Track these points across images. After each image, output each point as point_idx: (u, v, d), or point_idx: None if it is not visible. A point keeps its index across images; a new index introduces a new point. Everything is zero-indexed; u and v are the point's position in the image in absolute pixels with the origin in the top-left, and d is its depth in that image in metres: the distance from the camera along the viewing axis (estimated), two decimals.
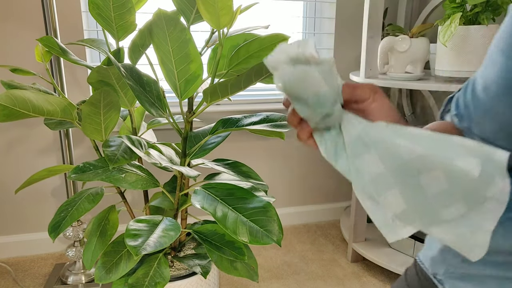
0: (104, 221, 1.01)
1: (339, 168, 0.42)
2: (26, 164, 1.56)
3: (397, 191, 0.39)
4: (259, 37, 0.92)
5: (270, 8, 1.74)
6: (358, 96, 0.41)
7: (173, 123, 0.97)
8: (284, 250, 1.69)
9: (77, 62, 0.99)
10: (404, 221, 0.41)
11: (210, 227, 1.04)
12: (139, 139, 0.98)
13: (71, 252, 1.37)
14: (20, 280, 1.46)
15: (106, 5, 0.93)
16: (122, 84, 0.97)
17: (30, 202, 1.60)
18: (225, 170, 1.02)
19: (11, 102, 0.82)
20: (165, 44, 0.87)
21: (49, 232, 0.92)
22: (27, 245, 1.63)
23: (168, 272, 0.94)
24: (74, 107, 0.94)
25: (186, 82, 0.92)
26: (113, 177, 0.91)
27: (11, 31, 1.44)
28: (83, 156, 1.59)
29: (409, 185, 0.39)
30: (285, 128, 0.99)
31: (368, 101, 0.41)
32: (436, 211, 0.39)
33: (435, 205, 0.39)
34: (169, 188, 1.12)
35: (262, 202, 0.90)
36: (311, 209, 1.95)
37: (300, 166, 1.90)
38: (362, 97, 0.41)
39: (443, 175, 0.37)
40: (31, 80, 1.46)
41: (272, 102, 1.79)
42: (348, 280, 1.49)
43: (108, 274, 0.92)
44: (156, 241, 0.83)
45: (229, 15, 0.81)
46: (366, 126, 0.39)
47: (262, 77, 0.86)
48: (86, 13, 1.52)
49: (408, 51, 1.37)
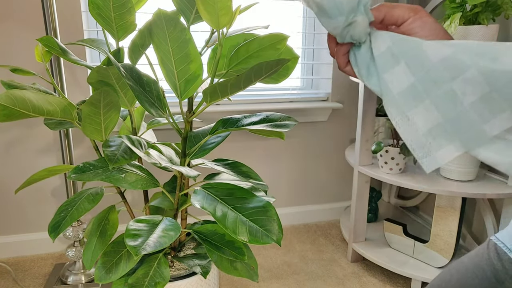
0: (104, 221, 1.01)
1: (371, 86, 0.41)
2: (26, 164, 1.56)
3: (429, 102, 0.35)
4: (258, 37, 0.92)
5: (270, 8, 1.74)
6: (396, 16, 0.39)
7: (173, 123, 0.97)
8: (284, 250, 1.69)
9: (77, 62, 0.99)
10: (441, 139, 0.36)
11: (210, 227, 1.04)
12: (139, 139, 0.98)
13: (71, 252, 1.37)
14: (20, 280, 1.46)
15: (106, 5, 0.93)
16: (122, 84, 0.97)
17: (30, 202, 1.60)
18: (225, 170, 1.02)
19: (11, 102, 0.82)
20: (165, 44, 0.87)
21: (49, 232, 0.92)
22: (27, 245, 1.63)
23: (168, 272, 0.94)
24: (74, 107, 0.94)
25: (186, 82, 0.92)
26: (113, 177, 0.91)
27: (11, 31, 1.44)
28: (83, 156, 1.59)
29: (442, 93, 0.35)
30: (285, 128, 0.99)
31: (408, 21, 0.39)
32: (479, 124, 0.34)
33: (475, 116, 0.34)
34: (169, 188, 1.12)
35: (262, 202, 0.90)
36: (311, 209, 1.95)
37: (300, 166, 1.90)
38: (401, 17, 0.39)
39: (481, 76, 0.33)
40: (31, 80, 1.46)
41: (272, 102, 1.79)
42: (348, 280, 1.49)
43: (108, 274, 0.92)
44: (156, 241, 0.83)
45: (228, 15, 0.81)
46: (396, 38, 0.38)
47: (262, 77, 0.86)
48: (86, 13, 1.52)
49: None
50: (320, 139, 1.89)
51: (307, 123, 1.85)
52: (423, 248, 1.43)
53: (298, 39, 1.86)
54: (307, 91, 1.90)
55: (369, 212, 1.76)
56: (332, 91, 1.86)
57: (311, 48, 1.89)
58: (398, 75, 0.37)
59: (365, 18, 0.39)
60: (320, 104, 1.83)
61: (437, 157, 0.36)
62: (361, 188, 1.54)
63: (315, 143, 1.88)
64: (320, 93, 1.89)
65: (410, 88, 0.37)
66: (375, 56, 0.39)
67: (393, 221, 1.51)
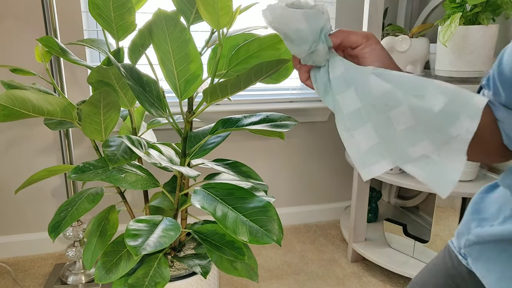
0: (104, 221, 1.01)
1: (326, 103, 0.48)
2: (26, 164, 1.56)
3: (370, 125, 0.44)
4: (258, 37, 0.92)
5: None
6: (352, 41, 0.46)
7: (173, 123, 0.97)
8: (284, 250, 1.69)
9: (77, 62, 0.99)
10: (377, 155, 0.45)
11: (210, 227, 1.04)
12: (139, 139, 0.98)
13: (71, 252, 1.37)
14: (20, 280, 1.46)
15: (106, 5, 0.93)
16: (122, 84, 0.97)
17: (30, 202, 1.60)
18: (225, 170, 1.02)
19: (11, 102, 0.82)
20: (165, 44, 0.87)
21: (49, 232, 0.92)
22: (27, 245, 1.63)
23: (168, 272, 0.94)
24: (74, 107, 0.94)
25: (186, 82, 0.92)
26: (113, 177, 0.91)
27: (11, 31, 1.44)
28: (83, 156, 1.59)
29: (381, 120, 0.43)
30: (285, 128, 0.99)
31: (361, 46, 0.46)
32: (405, 148, 0.43)
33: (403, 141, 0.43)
34: (169, 188, 1.12)
35: (262, 202, 0.90)
36: (311, 209, 1.95)
37: (300, 166, 1.90)
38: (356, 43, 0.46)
39: (409, 111, 0.42)
40: (31, 80, 1.46)
41: (272, 102, 1.79)
42: (348, 280, 1.49)
43: (108, 274, 0.92)
44: (156, 241, 0.83)
45: (228, 15, 0.81)
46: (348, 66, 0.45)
47: (262, 77, 0.86)
48: (86, 13, 1.52)
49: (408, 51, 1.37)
50: (320, 139, 1.89)
51: (307, 123, 1.85)
52: (423, 248, 1.43)
53: None
54: (307, 91, 1.90)
55: (369, 212, 1.76)
56: None
57: None
58: (348, 99, 0.45)
59: (325, 46, 0.45)
60: (320, 104, 1.83)
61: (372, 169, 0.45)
62: (361, 188, 1.54)
63: (315, 143, 1.88)
64: None
65: (357, 112, 0.44)
66: (331, 78, 0.46)
67: (393, 221, 1.51)
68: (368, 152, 0.45)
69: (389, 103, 0.42)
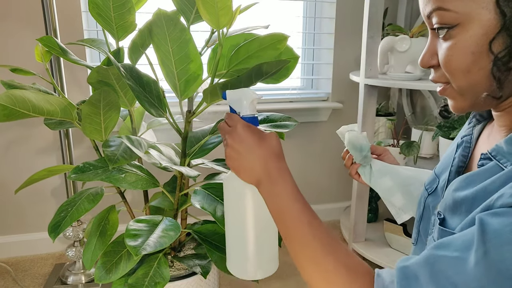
0: (104, 221, 1.01)
1: (372, 186, 0.78)
2: (26, 164, 1.56)
3: (400, 194, 0.75)
4: (258, 37, 0.92)
5: (270, 8, 1.74)
6: (378, 152, 0.81)
7: (173, 123, 0.97)
8: (284, 250, 1.69)
9: (77, 62, 0.99)
10: (404, 211, 0.76)
11: (210, 227, 1.04)
12: (139, 139, 0.98)
13: (71, 252, 1.37)
14: (20, 280, 1.46)
15: (106, 5, 0.93)
16: (122, 84, 0.97)
17: (30, 202, 1.60)
18: (225, 170, 1.01)
19: (11, 102, 0.82)
20: (165, 44, 0.87)
21: (49, 232, 0.92)
22: (27, 245, 1.63)
23: (168, 272, 0.94)
24: (74, 107, 0.94)
25: (186, 82, 0.92)
26: (113, 177, 0.91)
27: (11, 31, 1.44)
28: (83, 156, 1.59)
29: (405, 191, 0.75)
30: (285, 128, 0.99)
31: (383, 154, 0.81)
32: None
33: None
34: (169, 188, 1.12)
35: None
36: None
37: (300, 166, 1.90)
38: (381, 152, 0.81)
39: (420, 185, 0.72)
40: (31, 80, 1.46)
41: (272, 102, 1.79)
42: None
43: (108, 274, 0.92)
44: (156, 241, 0.83)
45: (228, 15, 0.81)
46: (383, 164, 0.77)
47: (262, 77, 0.86)
48: (86, 13, 1.52)
49: (408, 51, 1.37)
50: (320, 139, 1.89)
51: (307, 123, 1.85)
52: None
53: (298, 39, 1.86)
54: (307, 91, 1.90)
55: (369, 212, 1.76)
56: (332, 91, 1.86)
57: (311, 48, 1.89)
58: (385, 181, 0.76)
59: (370, 154, 0.77)
60: (320, 104, 1.83)
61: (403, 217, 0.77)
62: (361, 188, 1.54)
63: (315, 143, 1.88)
64: (320, 93, 1.89)
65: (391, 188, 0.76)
66: (373, 170, 0.77)
67: (393, 221, 1.51)
68: (399, 210, 0.76)
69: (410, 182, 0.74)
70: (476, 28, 0.45)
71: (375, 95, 1.47)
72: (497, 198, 0.41)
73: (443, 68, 0.50)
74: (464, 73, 0.48)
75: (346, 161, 0.81)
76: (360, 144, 0.76)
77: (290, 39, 0.93)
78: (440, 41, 0.49)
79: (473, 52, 0.46)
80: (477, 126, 0.60)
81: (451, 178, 0.57)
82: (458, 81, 0.49)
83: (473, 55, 0.46)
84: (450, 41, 0.47)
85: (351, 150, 0.77)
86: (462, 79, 0.48)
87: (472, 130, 0.60)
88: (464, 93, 0.50)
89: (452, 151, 0.61)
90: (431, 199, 0.62)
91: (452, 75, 0.49)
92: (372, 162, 0.78)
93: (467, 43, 0.46)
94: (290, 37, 0.93)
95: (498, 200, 0.41)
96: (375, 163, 0.78)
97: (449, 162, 0.60)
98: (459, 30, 0.46)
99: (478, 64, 0.46)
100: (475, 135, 0.59)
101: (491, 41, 0.45)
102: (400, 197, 0.75)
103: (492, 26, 0.45)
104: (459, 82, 0.49)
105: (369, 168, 0.78)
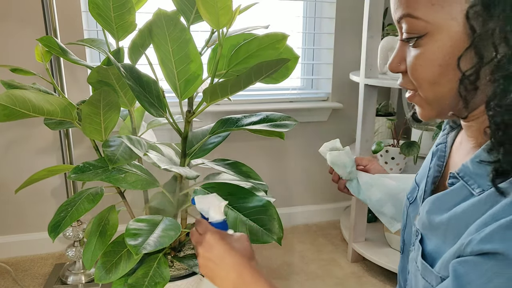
0: (104, 221, 1.01)
1: (361, 199, 0.78)
2: (26, 164, 1.56)
3: (390, 204, 0.76)
4: (258, 37, 0.92)
5: (270, 8, 1.74)
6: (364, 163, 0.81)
7: (173, 123, 0.97)
8: (284, 250, 1.69)
9: (77, 62, 0.99)
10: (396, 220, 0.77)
11: None
12: (139, 139, 0.98)
13: (71, 252, 1.37)
14: (20, 280, 1.46)
15: (106, 5, 0.93)
16: (122, 84, 0.97)
17: (30, 202, 1.60)
18: (225, 170, 1.02)
19: (11, 102, 0.82)
20: (165, 44, 0.87)
21: (49, 232, 0.92)
22: (27, 245, 1.63)
23: (168, 272, 0.94)
24: (74, 107, 0.94)
25: (186, 82, 0.92)
26: (113, 177, 0.91)
27: (11, 31, 1.44)
28: (83, 156, 1.59)
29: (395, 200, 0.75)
30: (285, 128, 0.99)
31: (369, 165, 0.81)
32: None
33: None
34: (169, 188, 1.12)
35: (262, 201, 0.90)
36: (311, 209, 1.95)
37: (300, 166, 1.90)
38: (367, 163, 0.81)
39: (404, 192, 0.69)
40: (31, 80, 1.46)
41: (272, 102, 1.79)
42: (348, 280, 1.49)
43: (108, 274, 0.92)
44: (156, 240, 0.83)
45: (228, 15, 0.81)
46: (369, 176, 0.77)
47: (262, 77, 0.86)
48: (86, 13, 1.52)
49: None
50: (320, 139, 1.89)
51: (307, 123, 1.85)
52: None
53: (298, 39, 1.86)
54: (307, 91, 1.90)
55: (369, 212, 1.76)
56: (332, 91, 1.86)
57: (311, 48, 1.89)
58: (374, 193, 0.76)
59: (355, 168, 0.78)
60: (320, 104, 1.83)
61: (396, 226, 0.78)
62: None
63: (315, 143, 1.88)
64: (320, 93, 1.89)
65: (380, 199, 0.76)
66: (361, 183, 0.77)
67: None
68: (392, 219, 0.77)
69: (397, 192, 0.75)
70: (445, 39, 0.43)
71: (375, 95, 1.47)
72: (466, 244, 0.41)
73: (410, 76, 0.48)
74: (430, 84, 0.46)
75: (333, 177, 0.81)
76: (342, 162, 0.76)
77: (290, 39, 0.93)
78: (410, 48, 0.48)
79: (440, 64, 0.44)
80: (451, 133, 0.59)
81: (428, 189, 0.57)
82: (425, 91, 0.48)
83: (441, 67, 0.44)
84: (418, 50, 0.46)
85: (335, 169, 0.78)
86: (429, 90, 0.47)
87: (446, 138, 0.59)
88: (431, 103, 0.48)
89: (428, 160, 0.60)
90: (411, 209, 0.61)
91: (418, 85, 0.48)
92: (359, 175, 0.77)
93: (435, 55, 0.44)
94: (289, 36, 0.93)
95: (468, 247, 0.41)
96: (361, 176, 0.77)
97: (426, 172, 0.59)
98: (427, 39, 0.44)
99: (446, 77, 0.44)
100: (449, 142, 0.58)
101: (459, 57, 0.43)
102: (390, 206, 0.75)
103: (461, 40, 0.42)
104: (425, 92, 0.48)
105: (356, 181, 0.77)
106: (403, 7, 0.45)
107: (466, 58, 0.43)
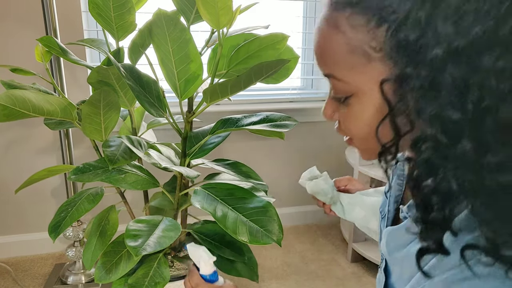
0: (104, 221, 1.01)
1: (348, 220, 0.79)
2: (26, 164, 1.56)
3: (375, 220, 0.76)
4: (258, 37, 0.92)
5: (270, 8, 1.74)
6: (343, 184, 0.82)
7: (173, 123, 0.97)
8: (284, 250, 1.69)
9: (77, 62, 0.99)
10: None
11: (210, 227, 1.04)
12: (139, 139, 0.98)
13: (71, 252, 1.36)
14: (20, 280, 1.46)
15: (106, 5, 0.93)
16: (122, 84, 0.97)
17: (30, 202, 1.60)
18: (225, 170, 1.02)
19: (11, 102, 0.82)
20: (165, 44, 0.87)
21: (49, 232, 0.92)
22: (27, 245, 1.63)
23: (168, 272, 0.94)
24: (74, 107, 0.94)
25: (186, 82, 0.92)
26: (113, 177, 0.91)
27: (11, 31, 1.44)
28: (83, 156, 1.59)
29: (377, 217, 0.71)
30: (285, 128, 0.99)
31: (348, 185, 0.82)
32: None
33: None
34: (169, 188, 1.12)
35: (262, 202, 0.90)
36: (311, 209, 1.95)
37: (300, 166, 1.89)
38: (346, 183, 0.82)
39: None
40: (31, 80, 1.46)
41: (272, 102, 1.79)
42: (348, 280, 1.49)
43: (108, 274, 0.92)
44: (156, 241, 0.83)
45: (228, 15, 0.81)
46: (350, 197, 0.79)
47: (262, 77, 0.86)
48: (86, 13, 1.52)
49: None
50: (320, 139, 1.89)
51: (307, 123, 1.85)
52: None
53: (298, 39, 1.85)
54: (307, 91, 1.90)
55: None
56: None
57: (311, 48, 1.89)
58: (357, 212, 0.77)
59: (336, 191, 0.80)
60: (320, 104, 1.82)
61: None
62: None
63: (315, 143, 1.88)
64: (320, 93, 1.89)
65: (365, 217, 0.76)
66: (344, 205, 0.78)
67: None
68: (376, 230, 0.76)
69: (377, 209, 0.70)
70: (368, 103, 0.41)
71: None
72: None
73: (344, 129, 0.47)
74: (362, 140, 0.45)
75: (318, 203, 0.82)
76: (321, 189, 0.78)
77: (290, 39, 0.93)
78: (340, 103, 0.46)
79: (367, 124, 0.42)
80: None
81: (391, 209, 0.56)
82: (358, 144, 0.47)
83: (369, 127, 0.42)
84: (347, 108, 0.44)
85: (317, 197, 0.79)
86: (361, 144, 0.46)
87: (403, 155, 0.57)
88: (367, 151, 0.47)
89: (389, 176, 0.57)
90: (382, 224, 0.60)
91: (353, 138, 0.47)
92: (341, 197, 0.79)
93: (362, 115, 0.42)
94: (290, 37, 0.93)
95: None
96: (343, 198, 0.79)
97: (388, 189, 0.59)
98: (354, 100, 0.42)
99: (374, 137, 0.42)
100: None
101: (377, 127, 0.41)
102: (375, 222, 0.75)
103: (381, 107, 0.40)
104: (359, 145, 0.47)
105: (340, 204, 0.79)
106: (324, 68, 0.44)
107: (384, 130, 0.40)
